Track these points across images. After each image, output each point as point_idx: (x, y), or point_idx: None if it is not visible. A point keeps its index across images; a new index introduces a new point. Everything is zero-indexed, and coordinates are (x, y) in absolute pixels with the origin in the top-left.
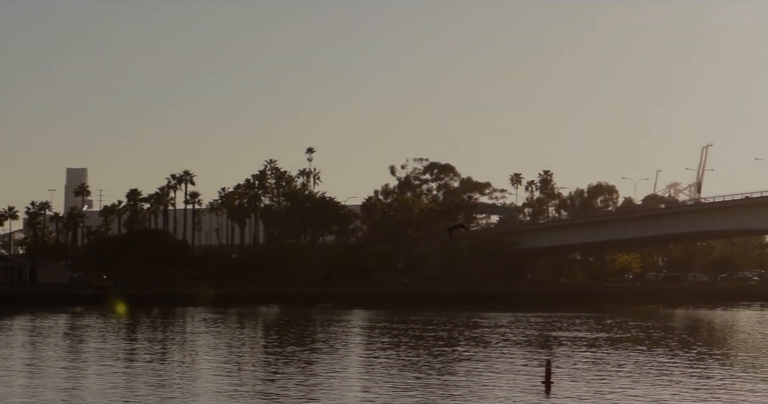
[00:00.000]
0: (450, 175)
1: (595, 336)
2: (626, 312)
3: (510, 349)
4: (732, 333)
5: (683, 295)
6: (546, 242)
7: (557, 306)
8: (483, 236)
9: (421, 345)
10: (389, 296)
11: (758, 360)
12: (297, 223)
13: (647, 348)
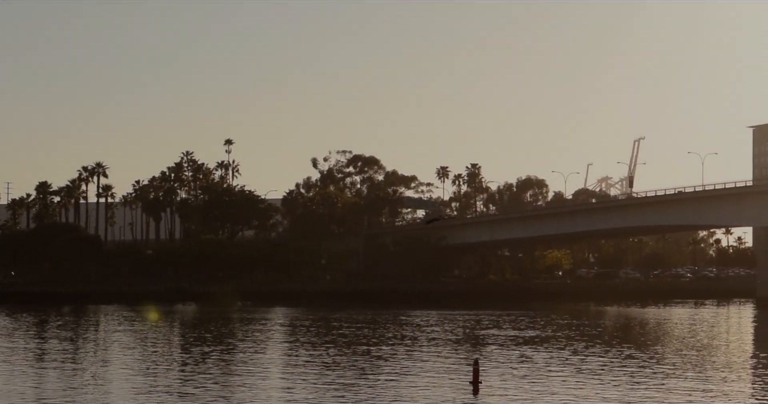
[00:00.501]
0: (374, 168)
1: (524, 334)
2: (556, 309)
3: (437, 348)
4: (664, 331)
5: (615, 292)
6: (474, 237)
7: (485, 304)
8: (408, 232)
9: (345, 344)
10: (311, 293)
11: (689, 359)
12: (215, 217)
13: (577, 347)
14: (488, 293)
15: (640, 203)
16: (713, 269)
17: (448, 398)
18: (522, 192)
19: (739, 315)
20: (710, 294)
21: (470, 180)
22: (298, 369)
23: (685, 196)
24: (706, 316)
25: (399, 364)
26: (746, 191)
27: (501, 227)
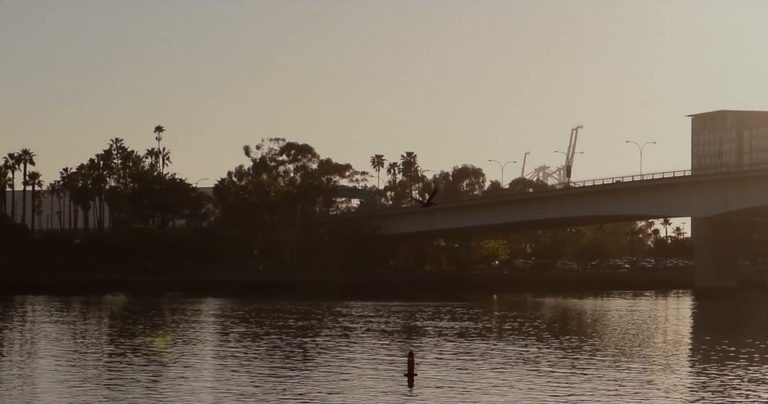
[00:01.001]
0: (308, 156)
1: (460, 325)
2: (493, 300)
3: (371, 340)
4: (602, 322)
5: (552, 283)
6: (409, 227)
7: (421, 295)
8: (343, 221)
9: (278, 335)
10: (244, 284)
11: (626, 350)
12: (145, 206)
13: (513, 339)
14: (424, 284)
15: (577, 193)
16: (651, 260)
17: (382, 390)
18: (458, 181)
19: (678, 306)
20: (648, 285)
21: (406, 169)
22: (230, 361)
23: (623, 186)
24: (645, 307)
25: (333, 356)
26: (685, 181)
27: (437, 217)
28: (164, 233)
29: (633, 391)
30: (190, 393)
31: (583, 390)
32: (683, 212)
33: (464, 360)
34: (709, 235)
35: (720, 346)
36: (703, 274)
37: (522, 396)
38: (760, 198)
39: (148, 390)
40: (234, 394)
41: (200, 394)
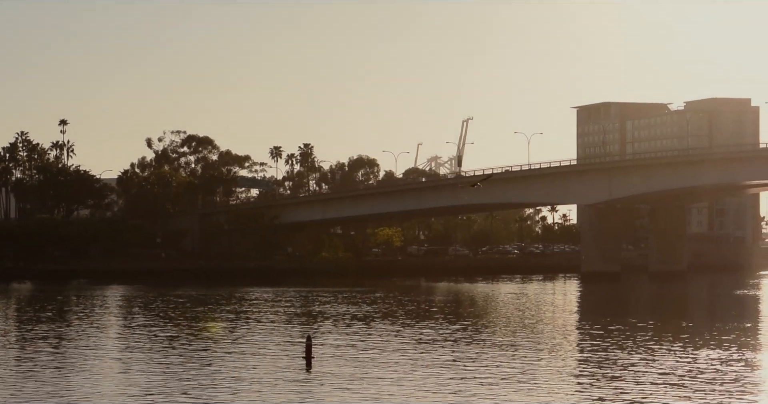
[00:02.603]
0: (208, 148)
1: (357, 310)
2: (388, 286)
3: (271, 325)
4: (492, 306)
5: (444, 269)
6: (306, 216)
7: (318, 281)
8: (242, 210)
9: (180, 321)
10: (147, 271)
11: (515, 333)
12: (50, 197)
13: (408, 322)
14: (321, 270)
15: (468, 182)
16: (539, 246)
17: (281, 373)
18: (354, 171)
19: (565, 290)
20: (537, 270)
21: (303, 160)
22: (132, 347)
23: (512, 175)
24: (533, 291)
25: (233, 340)
26: (571, 170)
27: (333, 206)
28: (69, 223)
29: (522, 372)
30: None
31: (475, 371)
32: (569, 199)
33: (361, 343)
34: (594, 221)
35: (605, 327)
36: (589, 259)
37: (417, 378)
38: (641, 186)
39: (48, 378)
40: (135, 380)
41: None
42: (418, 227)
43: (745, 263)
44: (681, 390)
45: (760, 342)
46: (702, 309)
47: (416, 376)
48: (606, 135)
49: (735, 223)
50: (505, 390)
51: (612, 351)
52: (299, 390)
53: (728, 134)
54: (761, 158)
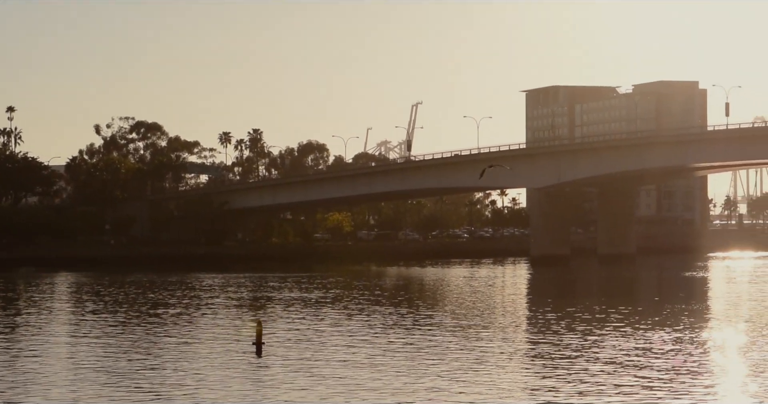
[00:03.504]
0: (157, 134)
1: (307, 295)
2: (338, 271)
3: (221, 311)
4: (442, 290)
5: (395, 253)
6: (256, 201)
7: (269, 267)
8: (191, 197)
9: (129, 308)
10: (96, 258)
11: (465, 316)
12: None
13: (359, 307)
14: (271, 255)
15: (418, 166)
16: (489, 230)
17: (231, 359)
18: (303, 157)
19: (514, 273)
20: (487, 254)
21: (252, 145)
22: (82, 332)
23: (461, 159)
24: (483, 274)
25: (183, 327)
26: (520, 154)
27: (283, 191)
28: (17, 211)
29: (474, 355)
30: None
31: (427, 354)
32: (519, 183)
33: (311, 328)
34: (543, 205)
35: (555, 310)
36: (538, 242)
37: (366, 363)
38: (590, 169)
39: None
40: (84, 366)
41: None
42: (368, 211)
43: (694, 245)
44: (633, 372)
45: (709, 323)
46: (651, 292)
47: (368, 361)
48: (555, 119)
49: (683, 205)
50: (456, 373)
51: (563, 334)
52: (249, 376)
53: (676, 116)
54: (709, 140)
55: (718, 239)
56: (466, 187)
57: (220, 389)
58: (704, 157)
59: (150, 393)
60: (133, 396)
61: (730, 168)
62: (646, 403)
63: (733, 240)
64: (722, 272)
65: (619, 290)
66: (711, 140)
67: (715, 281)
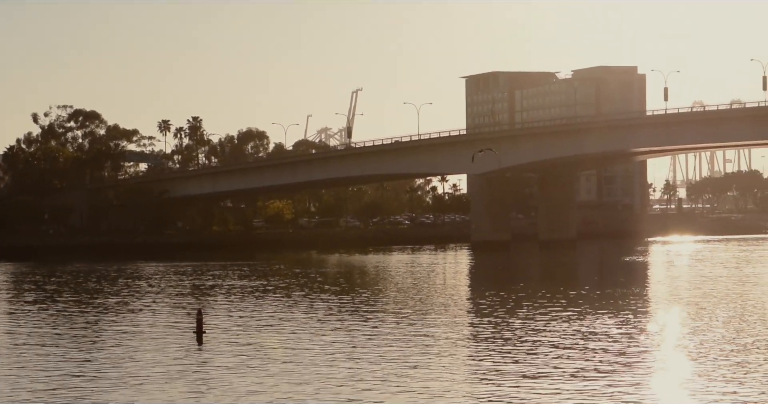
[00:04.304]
0: (96, 122)
1: (248, 284)
2: (279, 259)
3: (161, 299)
4: (384, 277)
5: (336, 240)
6: (196, 189)
7: (209, 255)
8: (131, 185)
9: (69, 298)
10: (35, 248)
11: (406, 303)
12: None
13: (300, 295)
14: (212, 244)
15: (359, 153)
16: (430, 216)
17: (172, 348)
18: (243, 144)
19: (456, 260)
20: (428, 240)
21: (192, 133)
22: (20, 322)
23: (402, 146)
24: (425, 261)
25: (124, 316)
26: (460, 140)
27: (223, 180)
28: None
29: (416, 341)
30: None
31: (369, 341)
32: (459, 169)
33: (252, 317)
34: (483, 191)
35: (496, 296)
36: (479, 228)
37: (308, 350)
38: (530, 155)
39: None
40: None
41: None
42: (309, 199)
43: (634, 230)
44: (575, 356)
45: (649, 307)
46: (591, 276)
47: (309, 349)
48: (495, 105)
49: (623, 190)
50: (399, 358)
51: (504, 320)
52: (189, 365)
53: (615, 101)
54: (648, 125)
55: (657, 223)
56: (406, 173)
57: (160, 377)
58: (643, 142)
59: (88, 382)
60: (72, 385)
61: (669, 153)
62: (588, 387)
63: (672, 224)
64: (662, 257)
65: (560, 275)
66: (650, 125)
67: (654, 266)
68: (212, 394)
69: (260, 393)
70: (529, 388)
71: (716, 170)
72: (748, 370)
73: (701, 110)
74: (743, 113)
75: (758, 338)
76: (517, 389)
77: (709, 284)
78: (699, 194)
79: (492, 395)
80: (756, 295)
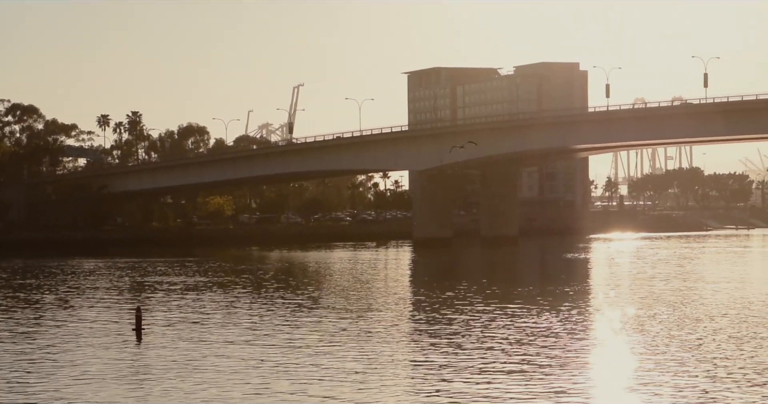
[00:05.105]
0: (34, 117)
1: (188, 280)
2: (220, 255)
3: (100, 296)
4: (325, 273)
5: (277, 237)
6: (136, 185)
7: (149, 251)
8: (70, 180)
9: (6, 293)
10: None
11: (348, 300)
12: None
13: (240, 292)
14: (151, 240)
15: (300, 149)
16: (372, 213)
17: (111, 345)
18: (183, 139)
19: (397, 256)
20: (370, 237)
21: (131, 128)
22: None
23: (343, 141)
24: (366, 258)
25: (62, 312)
26: (402, 136)
27: (163, 175)
28: None
29: (356, 338)
30: None
31: (309, 338)
32: (401, 165)
33: (192, 313)
34: (425, 187)
35: (437, 293)
36: (421, 225)
37: (248, 346)
38: (472, 151)
39: None
40: None
41: None
42: (250, 195)
43: (575, 227)
44: (514, 353)
45: (589, 305)
46: (533, 274)
47: (250, 345)
48: (437, 101)
49: (565, 187)
50: (338, 357)
51: (445, 317)
52: (128, 362)
53: (557, 98)
54: (589, 122)
55: (599, 220)
56: (348, 169)
57: (98, 374)
58: (585, 138)
59: (25, 379)
60: (6, 383)
61: (610, 149)
62: (527, 384)
63: (614, 221)
64: (603, 254)
65: (502, 272)
66: (592, 122)
67: (596, 263)
68: (150, 392)
69: (199, 391)
70: (469, 384)
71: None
72: (689, 366)
73: (643, 107)
74: (684, 110)
75: (699, 335)
76: (457, 385)
77: (650, 281)
78: (640, 191)
79: (431, 391)
80: (697, 292)
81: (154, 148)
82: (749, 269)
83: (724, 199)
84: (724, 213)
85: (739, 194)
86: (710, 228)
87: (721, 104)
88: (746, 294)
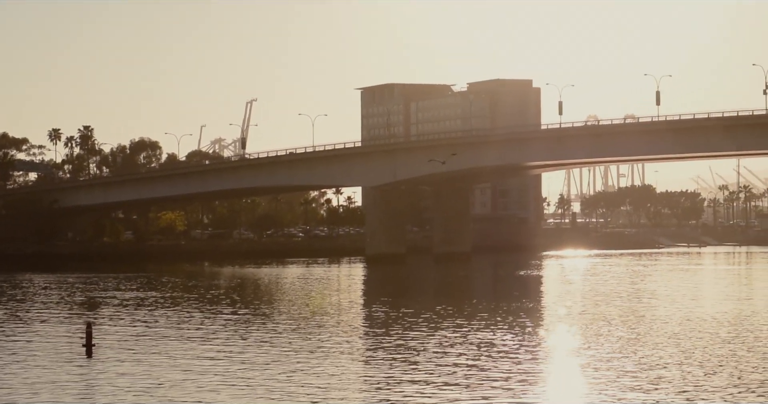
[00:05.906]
0: None
1: (139, 296)
2: (171, 271)
3: (50, 311)
4: (277, 290)
5: (229, 253)
6: (87, 199)
7: (100, 266)
8: (20, 195)
9: None
10: None
11: (301, 318)
12: None
13: (191, 308)
14: (102, 255)
15: (252, 165)
16: (324, 229)
17: (61, 361)
18: (135, 154)
19: (350, 273)
20: (322, 253)
21: (83, 142)
22: None
23: (296, 157)
24: (319, 274)
25: (11, 328)
26: (355, 152)
27: (115, 190)
28: None
29: (306, 354)
30: None
31: (261, 353)
32: (354, 181)
33: (143, 329)
34: (378, 203)
35: (389, 309)
36: (374, 241)
37: (199, 363)
38: (426, 168)
39: None
40: None
41: None
42: (202, 210)
43: (528, 244)
44: (466, 370)
45: (541, 321)
46: (485, 290)
47: (200, 361)
48: (390, 117)
49: (518, 203)
50: (292, 372)
51: (397, 333)
52: (78, 377)
53: (510, 115)
54: (542, 139)
55: (552, 237)
56: (301, 185)
57: (48, 390)
58: (538, 155)
59: None
60: None
61: (563, 167)
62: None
63: (566, 238)
64: (556, 271)
65: (455, 288)
66: (544, 139)
67: (548, 280)
68: None
69: None
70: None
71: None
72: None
73: (595, 125)
74: (636, 127)
75: (649, 351)
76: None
77: (602, 298)
78: (593, 209)
79: None
80: (648, 309)
81: (105, 162)
82: (701, 287)
83: (676, 217)
84: (676, 231)
85: (691, 212)
86: (662, 246)
87: (673, 122)
88: (697, 312)
